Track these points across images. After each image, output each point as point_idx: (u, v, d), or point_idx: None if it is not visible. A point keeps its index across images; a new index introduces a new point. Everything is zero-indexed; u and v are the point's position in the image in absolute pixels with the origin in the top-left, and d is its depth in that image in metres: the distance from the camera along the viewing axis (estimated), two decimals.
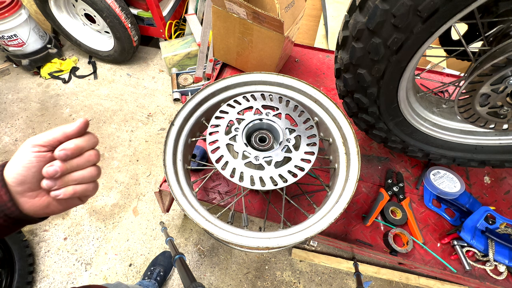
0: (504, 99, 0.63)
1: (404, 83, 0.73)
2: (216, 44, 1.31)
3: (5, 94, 2.16)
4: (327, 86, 1.32)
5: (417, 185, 1.03)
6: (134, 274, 1.49)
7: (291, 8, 1.11)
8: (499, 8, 0.71)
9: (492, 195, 1.03)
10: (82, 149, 0.41)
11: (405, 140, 0.91)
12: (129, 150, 1.92)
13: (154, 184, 1.78)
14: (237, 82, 0.83)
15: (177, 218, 1.66)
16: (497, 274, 0.87)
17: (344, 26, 0.71)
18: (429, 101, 0.90)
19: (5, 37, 1.93)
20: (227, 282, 1.48)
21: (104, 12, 1.88)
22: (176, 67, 2.23)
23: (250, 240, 0.61)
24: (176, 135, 0.76)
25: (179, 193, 0.68)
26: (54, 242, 1.56)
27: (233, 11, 1.08)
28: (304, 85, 0.82)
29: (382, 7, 0.57)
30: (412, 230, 0.93)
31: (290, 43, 1.28)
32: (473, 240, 0.87)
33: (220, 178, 1.02)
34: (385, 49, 0.63)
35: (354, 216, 0.97)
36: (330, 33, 1.83)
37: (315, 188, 0.99)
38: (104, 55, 2.29)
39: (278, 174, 0.64)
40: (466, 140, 0.89)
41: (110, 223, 1.63)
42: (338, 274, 1.52)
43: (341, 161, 0.74)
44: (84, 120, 0.40)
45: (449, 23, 0.55)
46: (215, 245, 1.58)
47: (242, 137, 0.69)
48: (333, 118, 0.79)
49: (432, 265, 0.89)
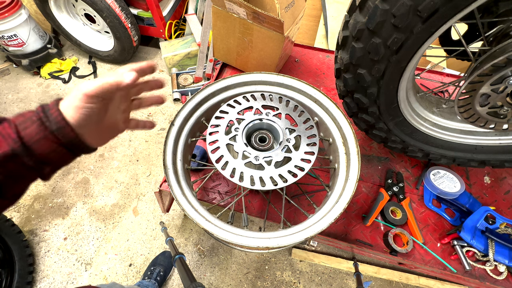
0: (504, 99, 0.63)
1: (404, 83, 0.73)
2: (216, 44, 1.31)
3: (5, 94, 2.16)
4: (327, 86, 1.32)
5: (417, 185, 1.03)
6: (134, 274, 1.49)
7: (291, 8, 1.11)
8: (499, 8, 0.71)
9: (492, 195, 1.03)
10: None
11: (405, 140, 0.90)
12: (129, 150, 1.92)
13: (154, 184, 1.78)
14: (237, 82, 0.83)
15: (177, 218, 1.66)
16: (497, 274, 0.87)
17: (344, 26, 0.71)
18: (429, 101, 0.90)
19: (5, 37, 1.93)
20: (227, 282, 1.48)
21: (104, 12, 1.88)
22: (176, 67, 2.23)
23: (250, 240, 0.61)
24: (176, 135, 0.76)
25: (179, 193, 0.68)
26: (54, 242, 1.56)
27: (233, 11, 1.08)
28: (304, 85, 0.82)
29: (382, 7, 0.57)
30: (412, 230, 0.93)
31: (290, 43, 1.28)
32: (473, 240, 0.87)
33: (220, 178, 1.02)
34: (385, 49, 0.63)
35: (354, 216, 0.97)
36: (330, 33, 1.83)
37: (315, 188, 0.99)
38: (104, 55, 2.29)
39: (278, 174, 0.64)
40: (466, 140, 0.89)
41: (110, 223, 1.63)
42: (338, 274, 1.52)
43: (341, 161, 0.74)
44: (135, 74, 0.40)
45: (449, 23, 0.55)
46: (215, 245, 1.58)
47: (242, 137, 0.69)
48: (333, 118, 0.79)
49: (432, 265, 0.89)
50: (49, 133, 0.38)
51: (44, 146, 0.38)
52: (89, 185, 1.76)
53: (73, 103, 0.39)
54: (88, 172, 1.81)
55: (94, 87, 0.38)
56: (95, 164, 1.84)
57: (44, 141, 0.38)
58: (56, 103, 0.39)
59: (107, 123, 0.46)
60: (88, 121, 0.40)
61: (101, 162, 1.86)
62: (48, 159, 0.39)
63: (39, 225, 1.60)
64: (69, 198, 1.71)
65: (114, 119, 0.48)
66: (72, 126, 0.39)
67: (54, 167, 0.42)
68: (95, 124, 0.42)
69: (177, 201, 0.66)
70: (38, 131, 0.37)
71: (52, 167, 0.41)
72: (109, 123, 0.47)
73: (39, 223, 1.61)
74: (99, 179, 1.79)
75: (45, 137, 0.38)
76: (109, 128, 0.48)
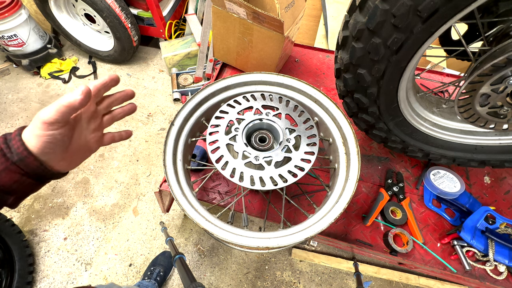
0: (504, 99, 0.63)
1: (404, 83, 0.73)
2: (216, 44, 1.31)
3: (5, 94, 2.16)
4: (327, 86, 1.32)
5: (417, 185, 1.03)
6: (134, 274, 1.49)
7: (291, 8, 1.11)
8: (499, 8, 0.71)
9: (492, 195, 1.03)
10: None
11: (405, 140, 0.90)
12: (129, 150, 1.92)
13: (154, 184, 1.78)
14: (237, 82, 0.83)
15: (177, 218, 1.66)
16: (497, 274, 0.87)
17: (344, 26, 0.71)
18: (429, 101, 0.90)
19: (5, 37, 1.94)
20: (227, 282, 1.48)
21: (104, 12, 1.88)
22: (176, 67, 2.23)
23: (250, 240, 0.61)
24: (176, 135, 0.76)
25: (179, 193, 0.68)
26: (54, 242, 1.56)
27: (233, 11, 1.08)
28: (304, 85, 0.82)
29: (382, 7, 0.57)
30: (412, 230, 0.93)
31: (290, 43, 1.28)
32: (473, 240, 0.87)
33: (220, 178, 1.02)
34: (385, 49, 0.63)
35: (354, 216, 0.97)
36: (330, 33, 1.83)
37: (315, 188, 0.99)
38: (104, 55, 2.29)
39: (278, 174, 0.64)
40: (466, 140, 0.89)
41: (110, 223, 1.63)
42: (338, 274, 1.52)
43: (341, 161, 0.74)
44: (86, 89, 0.38)
45: (449, 23, 0.55)
46: (215, 245, 1.58)
47: (242, 137, 0.69)
48: (333, 118, 0.79)
49: (432, 265, 0.89)
50: (11, 164, 0.37)
51: (6, 177, 0.37)
52: (89, 185, 1.76)
53: (33, 132, 0.37)
54: (88, 172, 1.81)
55: (51, 113, 0.37)
56: (95, 164, 1.85)
57: (6, 172, 0.37)
58: (18, 132, 0.38)
59: (76, 145, 0.45)
60: (53, 148, 0.39)
61: (101, 162, 1.86)
62: (11, 190, 0.38)
63: (39, 225, 1.60)
64: (69, 198, 1.71)
65: (83, 141, 0.46)
66: (35, 155, 0.38)
67: (19, 196, 0.41)
68: (61, 149, 0.41)
69: (177, 201, 0.66)
70: (0, 162, 0.37)
71: (16, 197, 0.40)
72: (78, 145, 0.45)
73: (39, 223, 1.61)
74: (99, 179, 1.79)
75: (7, 168, 0.37)
76: (79, 150, 0.46)
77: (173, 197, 0.66)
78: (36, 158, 0.38)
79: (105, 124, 0.50)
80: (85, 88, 0.38)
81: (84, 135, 0.46)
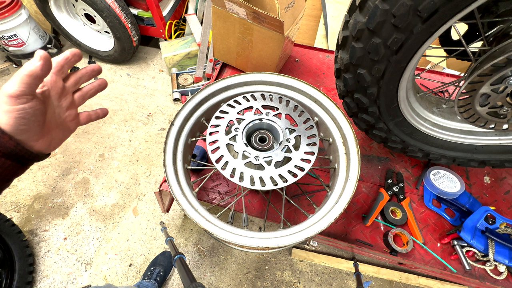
0: (504, 99, 0.63)
1: (404, 83, 0.73)
2: (216, 44, 1.31)
3: None
4: (327, 86, 1.32)
5: (417, 185, 1.03)
6: (134, 274, 1.49)
7: (291, 8, 1.11)
8: (499, 8, 0.71)
9: (492, 195, 1.03)
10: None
11: (405, 140, 0.90)
12: (129, 150, 1.92)
13: (154, 184, 1.79)
14: (237, 82, 0.83)
15: (177, 218, 1.66)
16: (497, 274, 0.87)
17: (344, 26, 0.71)
18: (429, 101, 0.90)
19: (5, 37, 1.94)
20: (227, 282, 1.48)
21: (104, 12, 1.88)
22: (176, 67, 2.23)
23: (250, 240, 0.61)
24: (176, 135, 0.76)
25: (179, 193, 0.68)
26: (54, 242, 1.56)
27: (233, 11, 1.08)
28: (304, 85, 0.82)
29: (382, 7, 0.57)
30: (412, 230, 0.93)
31: (290, 43, 1.28)
32: (473, 240, 0.87)
33: (220, 178, 1.02)
34: (385, 49, 0.63)
35: (354, 216, 0.97)
36: (330, 33, 1.83)
37: (315, 188, 0.99)
38: (104, 55, 2.29)
39: (278, 174, 0.64)
40: (466, 140, 0.89)
41: (110, 223, 1.63)
42: (338, 274, 1.52)
43: (341, 161, 0.74)
44: (44, 54, 0.36)
45: (449, 23, 0.55)
46: (215, 245, 1.58)
47: (242, 137, 0.69)
48: (333, 118, 0.79)
49: (432, 265, 0.89)
50: None
51: None
52: (89, 185, 1.76)
53: (2, 108, 0.35)
54: (88, 172, 1.81)
55: (15, 85, 0.35)
56: (95, 164, 1.85)
57: None
58: None
59: (53, 123, 0.44)
60: (27, 124, 0.37)
61: (101, 162, 1.86)
62: None
63: (39, 225, 1.60)
64: (69, 198, 1.71)
65: (59, 119, 0.46)
66: (9, 134, 0.36)
67: (1, 180, 0.39)
68: (37, 127, 0.40)
69: (177, 201, 0.66)
70: None
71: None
72: (55, 123, 0.45)
73: (39, 223, 1.61)
74: (99, 179, 1.79)
75: None
76: (57, 129, 0.45)
77: (173, 197, 0.66)
78: (12, 137, 0.36)
79: (78, 102, 0.49)
80: (43, 54, 0.36)
81: (57, 113, 0.45)
